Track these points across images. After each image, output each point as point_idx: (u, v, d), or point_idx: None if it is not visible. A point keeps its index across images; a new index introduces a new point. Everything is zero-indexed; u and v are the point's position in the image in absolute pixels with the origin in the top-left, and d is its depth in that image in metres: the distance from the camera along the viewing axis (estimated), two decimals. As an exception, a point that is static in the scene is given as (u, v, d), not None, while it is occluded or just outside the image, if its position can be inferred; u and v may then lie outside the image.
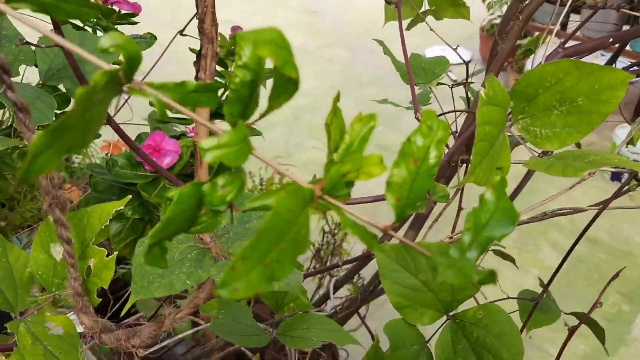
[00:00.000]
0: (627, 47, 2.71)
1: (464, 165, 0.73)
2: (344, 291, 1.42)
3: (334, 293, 0.85)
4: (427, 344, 0.58)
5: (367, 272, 0.99)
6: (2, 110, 0.92)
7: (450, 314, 0.58)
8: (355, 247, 1.56)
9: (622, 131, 2.44)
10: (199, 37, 0.44)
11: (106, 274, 0.41)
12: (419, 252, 0.54)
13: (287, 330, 0.54)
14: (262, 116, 0.26)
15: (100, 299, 0.39)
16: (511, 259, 0.83)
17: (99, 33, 0.69)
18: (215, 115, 0.77)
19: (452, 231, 0.81)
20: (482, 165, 0.37)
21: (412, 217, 0.80)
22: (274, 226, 0.20)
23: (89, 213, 0.42)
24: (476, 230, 0.26)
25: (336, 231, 1.62)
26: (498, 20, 3.07)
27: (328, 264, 1.27)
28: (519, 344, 0.53)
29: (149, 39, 0.71)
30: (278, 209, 0.21)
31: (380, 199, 0.69)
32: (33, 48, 0.63)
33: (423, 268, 0.56)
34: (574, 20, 3.03)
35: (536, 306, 0.66)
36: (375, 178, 0.25)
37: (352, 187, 0.26)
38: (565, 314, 0.78)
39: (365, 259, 0.78)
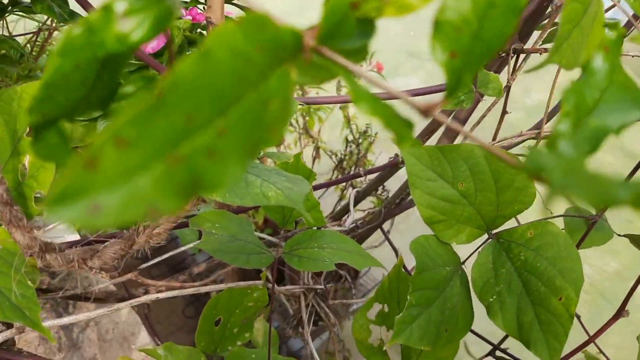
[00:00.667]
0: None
1: (516, 57, 0.60)
2: (367, 204, 1.34)
3: (355, 205, 0.76)
4: (463, 266, 0.49)
5: (393, 184, 0.90)
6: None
7: (493, 232, 0.48)
8: (380, 157, 1.47)
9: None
10: None
11: (45, 175, 0.32)
12: (459, 156, 0.43)
13: (295, 248, 0.46)
14: None
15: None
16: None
17: None
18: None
19: (494, 139, 0.69)
20: (571, 38, 0.25)
21: (448, 119, 0.69)
22: (202, 77, 0.10)
23: (19, 94, 0.32)
24: (578, 115, 0.15)
25: (360, 141, 1.51)
26: None
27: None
28: (579, 270, 0.43)
29: None
30: (214, 48, 0.10)
31: (440, 89, 0.57)
32: None
33: (463, 176, 0.45)
34: None
35: (593, 225, 0.56)
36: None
37: (371, 35, 0.15)
38: (619, 235, 0.68)
39: (391, 168, 0.68)
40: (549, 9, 0.59)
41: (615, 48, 0.17)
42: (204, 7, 0.61)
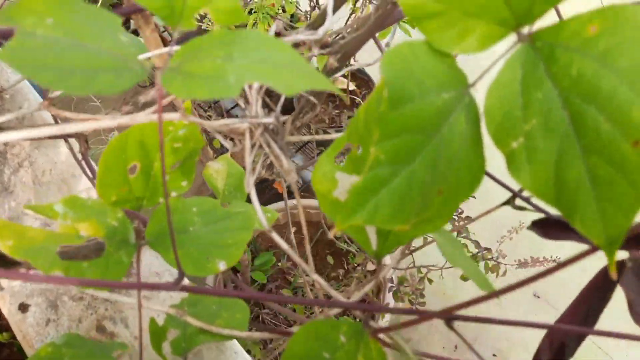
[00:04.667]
0: None
1: None
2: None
3: (338, 6, 0.55)
4: (472, 90, 0.30)
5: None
6: None
7: (525, 31, 0.28)
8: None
9: None
10: None
11: None
12: None
13: (187, 60, 0.27)
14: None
15: None
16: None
17: None
18: None
19: None
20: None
21: None
22: None
23: None
24: None
25: None
26: None
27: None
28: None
29: None
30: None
31: None
32: None
33: None
34: None
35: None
36: None
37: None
38: None
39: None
40: None
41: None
42: None
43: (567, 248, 1.64)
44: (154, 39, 0.65)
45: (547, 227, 0.42)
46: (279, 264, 1.45)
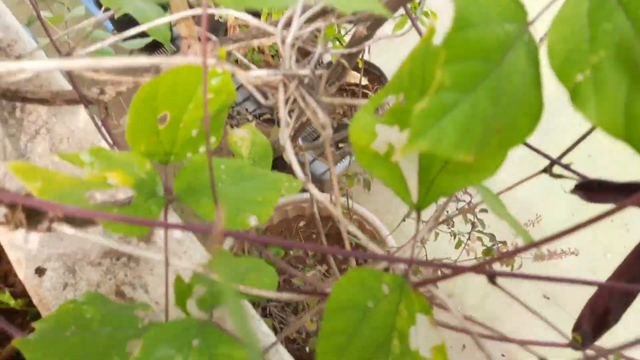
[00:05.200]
0: None
1: None
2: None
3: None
4: (531, 28, 0.29)
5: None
6: None
7: (591, -38, 0.27)
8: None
9: None
10: None
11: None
12: None
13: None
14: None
15: None
16: None
17: None
18: None
19: None
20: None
21: None
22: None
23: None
24: None
25: None
26: None
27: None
28: None
29: None
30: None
31: None
32: None
33: None
34: None
35: None
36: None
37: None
38: None
39: None
40: None
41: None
42: None
43: (580, 241, 1.63)
44: (181, 2, 0.64)
45: (590, 190, 0.41)
46: (291, 252, 1.44)
